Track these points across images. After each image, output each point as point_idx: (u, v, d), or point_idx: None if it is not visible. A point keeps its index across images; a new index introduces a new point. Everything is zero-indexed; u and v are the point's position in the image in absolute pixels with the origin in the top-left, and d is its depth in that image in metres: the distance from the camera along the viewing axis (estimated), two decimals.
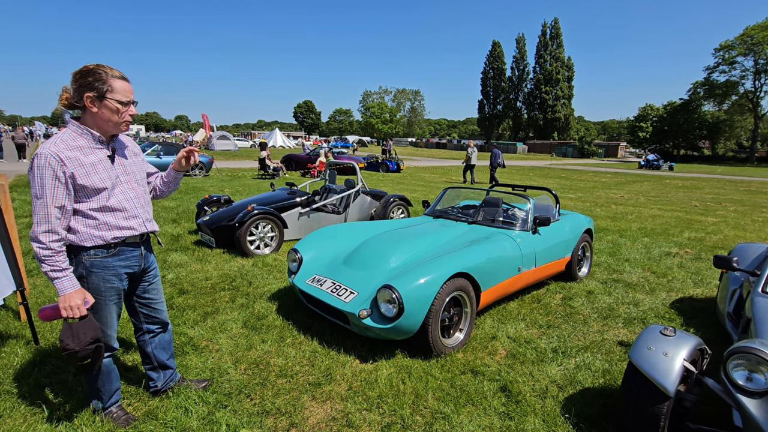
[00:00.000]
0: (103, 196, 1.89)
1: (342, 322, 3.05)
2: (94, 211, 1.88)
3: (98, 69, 1.83)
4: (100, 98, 1.82)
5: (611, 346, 3.19)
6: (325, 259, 3.63)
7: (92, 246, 1.89)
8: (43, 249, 1.74)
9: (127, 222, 1.97)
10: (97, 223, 1.89)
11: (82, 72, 1.82)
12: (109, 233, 1.92)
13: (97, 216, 1.89)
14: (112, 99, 1.84)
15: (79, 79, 1.81)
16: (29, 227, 6.16)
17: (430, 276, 2.82)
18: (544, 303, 4.00)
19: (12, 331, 3.09)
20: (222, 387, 2.52)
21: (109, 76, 1.83)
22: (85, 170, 1.82)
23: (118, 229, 1.94)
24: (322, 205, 6.35)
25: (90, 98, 1.81)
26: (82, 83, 1.80)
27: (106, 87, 1.82)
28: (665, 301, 4.18)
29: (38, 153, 1.74)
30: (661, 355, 1.97)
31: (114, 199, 1.92)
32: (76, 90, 1.82)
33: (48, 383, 2.47)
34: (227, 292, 4.06)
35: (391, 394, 2.48)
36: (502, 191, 4.84)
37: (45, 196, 1.74)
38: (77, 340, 1.80)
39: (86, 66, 1.83)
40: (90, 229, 1.88)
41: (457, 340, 3.08)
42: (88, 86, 1.80)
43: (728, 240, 7.12)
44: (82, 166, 1.81)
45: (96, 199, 1.87)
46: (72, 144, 1.81)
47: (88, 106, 1.82)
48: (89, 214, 1.87)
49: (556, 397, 2.52)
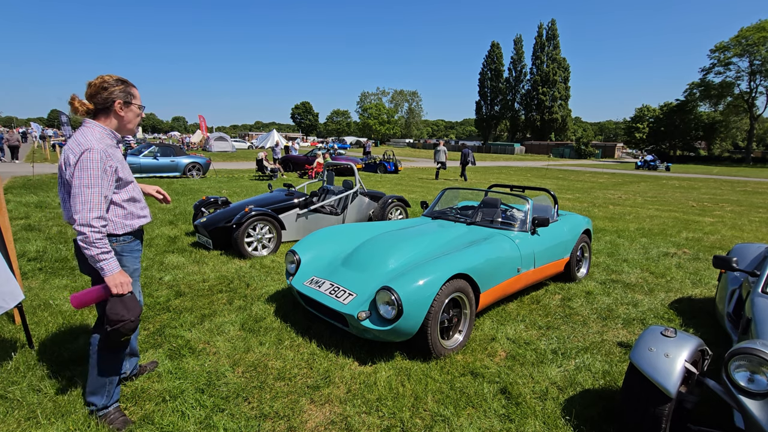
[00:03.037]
0: (129, 188, 2.16)
1: (340, 324, 3.03)
2: (124, 202, 2.13)
3: (121, 79, 2.11)
4: (127, 104, 2.11)
5: (611, 347, 3.18)
6: (323, 260, 3.60)
7: (123, 233, 2.14)
8: (95, 232, 1.90)
9: (143, 211, 2.26)
10: (125, 213, 2.14)
11: (113, 80, 2.07)
12: (136, 221, 2.20)
13: (125, 206, 2.14)
14: (135, 104, 2.14)
15: (110, 86, 2.04)
16: (25, 229, 6.12)
17: (429, 277, 2.80)
18: (543, 304, 3.99)
19: (6, 335, 3.05)
20: (219, 390, 2.49)
21: (129, 86, 2.13)
22: (121, 165, 2.08)
23: (138, 218, 2.22)
24: (320, 206, 6.32)
25: (120, 104, 2.07)
26: (112, 92, 2.05)
27: (131, 94, 2.12)
28: (664, 302, 4.17)
29: (89, 148, 1.92)
30: (662, 356, 1.95)
31: (135, 192, 2.20)
32: (106, 97, 2.04)
33: (42, 387, 2.43)
34: (225, 294, 4.03)
35: (390, 397, 2.46)
36: (501, 192, 4.83)
37: (97, 186, 1.92)
38: (131, 311, 2.02)
39: (110, 76, 2.08)
40: (121, 218, 2.12)
41: (456, 342, 3.07)
42: (118, 94, 2.06)
43: (726, 240, 7.13)
44: (120, 162, 2.08)
45: (125, 191, 2.13)
46: (108, 142, 2.04)
47: (117, 111, 2.08)
48: (120, 204, 2.11)
49: (557, 399, 2.50)
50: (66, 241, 5.58)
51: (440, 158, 17.39)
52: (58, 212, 7.55)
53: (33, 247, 5.22)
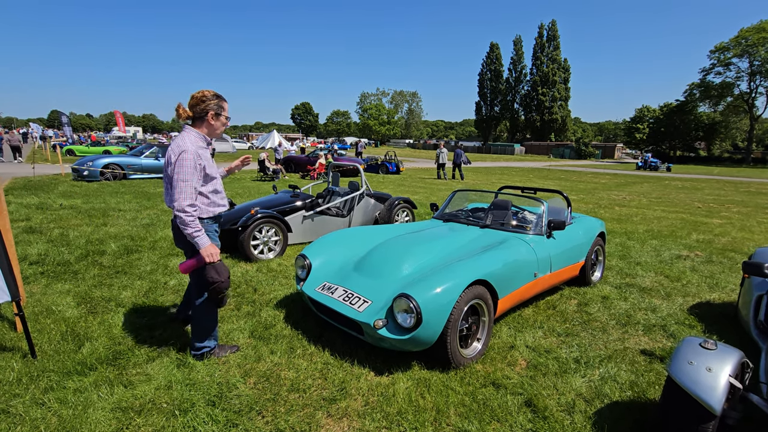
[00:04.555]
0: (214, 182, 2.64)
1: (355, 332, 2.91)
2: (210, 193, 2.62)
3: (217, 94, 2.61)
4: (218, 115, 2.62)
5: (634, 356, 3.07)
6: (334, 265, 3.49)
7: (206, 217, 2.63)
8: (188, 216, 2.42)
9: (222, 201, 2.75)
10: (209, 202, 2.63)
11: (211, 95, 2.59)
12: (216, 209, 2.69)
13: (210, 196, 2.62)
14: (223, 115, 2.66)
15: (207, 100, 2.56)
16: (26, 232, 5.99)
17: (449, 284, 2.69)
18: (559, 309, 3.88)
19: (7, 343, 2.93)
20: (231, 403, 2.38)
21: (222, 100, 2.63)
22: (209, 163, 2.58)
23: (218, 206, 2.70)
24: (326, 208, 6.21)
25: (212, 115, 2.59)
26: (209, 103, 2.57)
27: (223, 108, 2.64)
28: (683, 307, 4.07)
29: (185, 149, 2.43)
30: (704, 370, 1.85)
31: (219, 185, 2.69)
32: (203, 108, 2.56)
33: (46, 401, 2.31)
34: (232, 300, 3.92)
35: (411, 410, 2.35)
36: (512, 194, 4.72)
37: (191, 179, 2.43)
38: (222, 275, 2.57)
39: (209, 91, 2.60)
40: (205, 206, 2.61)
41: (475, 350, 2.96)
42: (213, 106, 2.58)
43: (737, 242, 7.04)
44: (207, 160, 2.57)
45: (211, 184, 2.62)
46: (200, 144, 2.55)
47: (209, 120, 2.60)
48: (206, 194, 2.60)
49: (585, 412, 2.39)
50: (68, 244, 5.46)
51: (441, 159, 18.08)
52: (60, 214, 7.43)
53: (34, 250, 5.10)
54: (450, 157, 19.76)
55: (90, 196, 9.79)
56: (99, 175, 12.51)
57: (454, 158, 18.07)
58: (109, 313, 3.51)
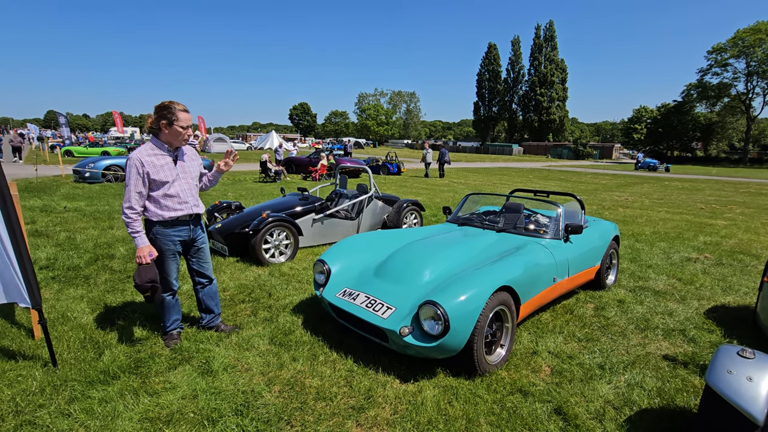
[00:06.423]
0: (166, 187, 2.77)
1: (379, 339, 2.89)
2: (161, 198, 2.77)
3: (171, 105, 2.73)
4: (170, 124, 2.73)
5: (657, 361, 3.07)
6: (354, 270, 3.46)
7: (157, 221, 2.80)
8: (126, 218, 2.67)
9: (179, 206, 2.84)
10: (159, 206, 2.78)
11: (161, 106, 2.73)
12: (168, 213, 2.80)
13: (161, 200, 2.77)
14: (177, 124, 2.74)
15: (159, 111, 2.72)
16: (32, 235, 5.94)
17: (475, 290, 2.68)
18: (577, 314, 3.87)
19: (26, 351, 2.90)
20: (259, 412, 2.35)
21: (176, 110, 2.73)
22: (156, 170, 2.72)
23: (171, 211, 2.82)
24: (336, 211, 6.18)
25: (165, 124, 2.73)
26: (160, 114, 2.71)
27: (174, 117, 2.73)
28: (699, 311, 4.06)
29: (130, 157, 2.67)
30: (745, 379, 1.83)
31: (173, 189, 2.80)
32: (156, 118, 2.72)
33: (72, 411, 2.28)
34: (247, 305, 3.89)
35: (441, 420, 2.33)
36: (525, 197, 4.72)
37: (130, 184, 2.66)
38: (139, 278, 2.67)
39: (163, 102, 2.75)
40: (155, 209, 2.78)
41: (499, 357, 2.94)
42: (163, 116, 2.71)
43: (744, 244, 7.05)
44: (155, 167, 2.72)
45: (162, 190, 2.76)
46: (150, 152, 2.74)
47: (163, 129, 2.74)
48: (157, 199, 2.76)
49: (615, 420, 2.38)
50: (77, 248, 5.41)
51: (427, 159, 19.34)
52: (64, 216, 7.37)
53: (43, 254, 5.05)
54: (435, 156, 20.18)
55: (93, 198, 9.73)
56: (101, 176, 12.44)
57: (439, 157, 19.28)
58: (126, 319, 3.47)
